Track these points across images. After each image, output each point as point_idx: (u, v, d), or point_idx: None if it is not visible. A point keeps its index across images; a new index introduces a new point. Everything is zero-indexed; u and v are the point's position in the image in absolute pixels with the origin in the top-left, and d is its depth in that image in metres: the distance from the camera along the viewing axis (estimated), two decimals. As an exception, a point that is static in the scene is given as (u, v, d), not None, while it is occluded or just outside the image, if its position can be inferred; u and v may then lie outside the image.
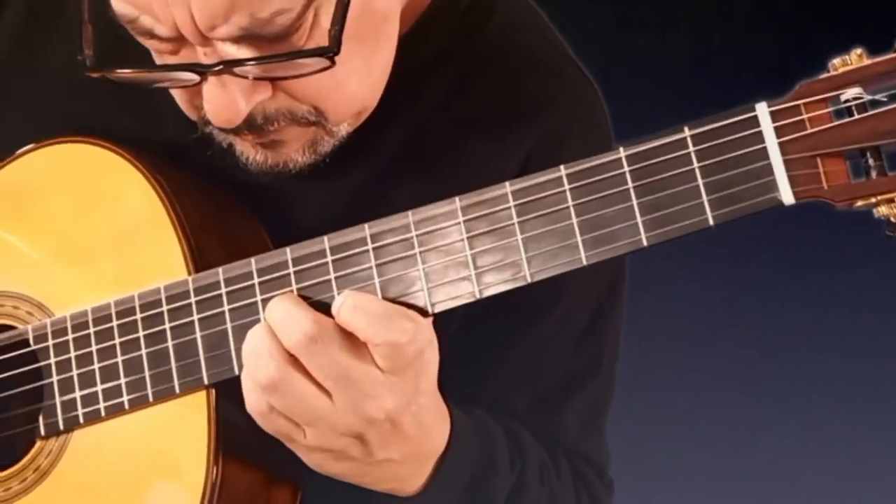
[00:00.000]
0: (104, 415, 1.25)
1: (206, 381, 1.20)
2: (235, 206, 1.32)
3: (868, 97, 1.05)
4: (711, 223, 1.07)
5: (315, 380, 1.12)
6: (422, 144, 1.32)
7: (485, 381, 1.36)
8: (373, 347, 1.12)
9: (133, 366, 1.23)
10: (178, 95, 1.23)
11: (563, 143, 1.32)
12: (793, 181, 1.05)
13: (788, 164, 1.05)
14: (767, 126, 1.06)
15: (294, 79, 1.15)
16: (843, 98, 1.05)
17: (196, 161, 1.30)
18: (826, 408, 3.00)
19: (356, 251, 1.16)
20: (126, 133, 1.33)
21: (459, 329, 1.29)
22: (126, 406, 1.24)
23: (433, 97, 1.33)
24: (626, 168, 1.09)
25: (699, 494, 3.00)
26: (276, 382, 1.12)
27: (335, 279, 1.16)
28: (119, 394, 1.24)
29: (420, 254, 1.14)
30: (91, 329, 1.26)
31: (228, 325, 1.19)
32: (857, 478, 2.98)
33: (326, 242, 1.17)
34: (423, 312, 1.14)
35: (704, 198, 1.07)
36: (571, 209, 1.10)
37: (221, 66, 1.13)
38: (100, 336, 1.25)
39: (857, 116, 1.04)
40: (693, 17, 3.08)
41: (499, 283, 1.13)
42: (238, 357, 1.17)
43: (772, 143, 1.05)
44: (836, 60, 1.06)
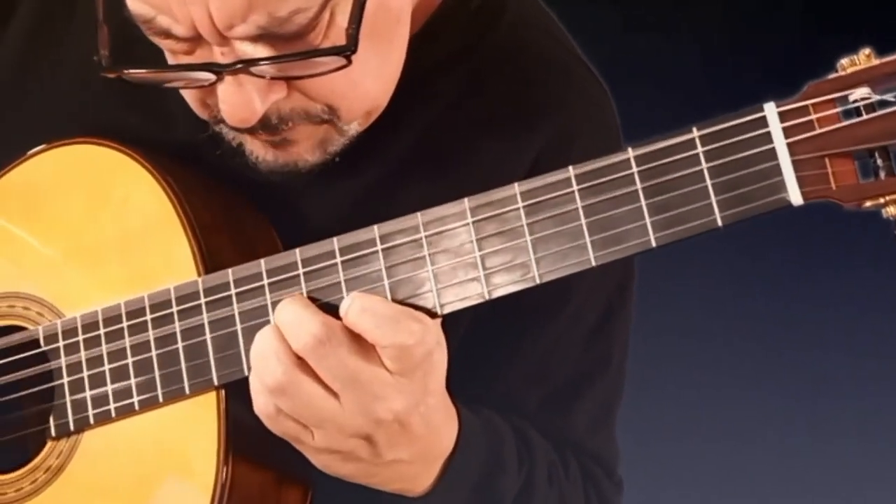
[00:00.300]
0: (114, 415, 1.25)
1: (217, 383, 1.21)
2: (245, 206, 1.32)
3: (876, 97, 1.04)
4: (720, 224, 1.07)
5: (323, 382, 1.12)
6: (433, 144, 1.32)
7: (494, 381, 1.36)
8: (381, 349, 1.12)
9: (143, 367, 1.23)
10: (189, 95, 1.23)
11: (573, 143, 1.32)
12: (801, 181, 1.05)
13: (797, 165, 1.05)
14: (776, 126, 1.05)
15: (310, 78, 1.16)
16: (852, 98, 1.05)
17: (206, 161, 1.30)
18: (835, 407, 3.00)
19: (366, 252, 1.16)
20: (136, 133, 1.33)
21: (469, 329, 1.29)
22: (136, 407, 1.24)
23: (444, 97, 1.33)
24: (635, 169, 1.09)
25: (707, 493, 3.00)
26: (284, 385, 1.12)
27: (345, 281, 1.16)
28: (129, 395, 1.24)
29: (429, 255, 1.14)
30: (101, 330, 1.26)
31: (238, 327, 1.20)
32: (866, 477, 2.97)
33: (336, 244, 1.17)
34: (431, 313, 1.14)
35: (713, 198, 1.07)
36: (580, 210, 1.10)
37: (240, 66, 1.13)
38: (110, 337, 1.25)
39: (866, 117, 1.04)
40: (701, 18, 3.08)
41: (508, 285, 1.12)
42: (248, 358, 1.17)
43: (780, 144, 1.05)
44: (845, 60, 1.06)
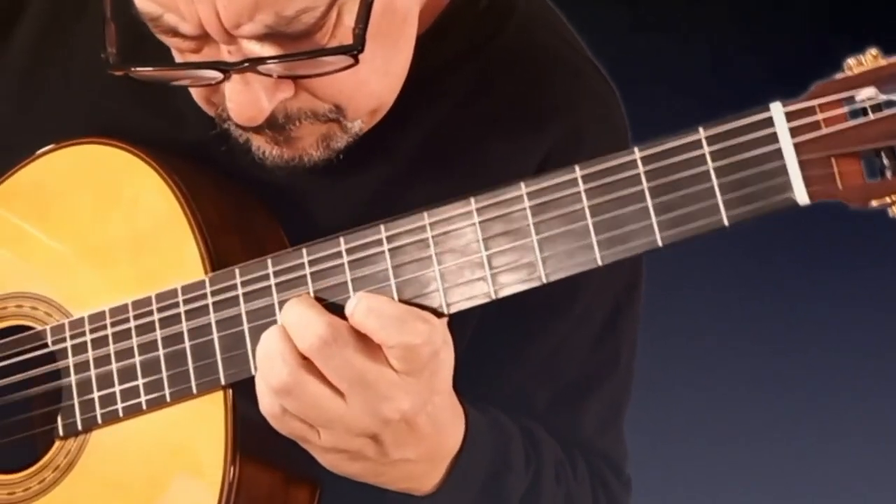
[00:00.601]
0: (122, 415, 1.25)
1: (224, 382, 1.21)
2: (253, 205, 1.32)
3: (883, 97, 1.04)
4: (726, 223, 1.07)
5: (329, 382, 1.12)
6: (440, 143, 1.32)
7: (502, 381, 1.36)
8: (387, 349, 1.12)
9: (151, 366, 1.24)
10: (196, 92, 1.23)
11: (582, 144, 1.32)
12: (807, 181, 1.04)
13: (803, 165, 1.04)
14: (782, 126, 1.05)
15: (317, 77, 1.16)
16: (858, 98, 1.05)
17: (215, 160, 1.30)
18: (843, 407, 3.00)
19: (372, 252, 1.16)
20: (146, 132, 1.33)
21: (476, 328, 1.29)
22: (144, 406, 1.24)
23: (452, 96, 1.33)
24: (641, 168, 1.09)
25: (715, 492, 3.00)
26: (289, 386, 1.12)
27: (351, 281, 1.16)
28: (137, 394, 1.24)
29: (436, 255, 1.14)
30: (109, 330, 1.26)
31: (245, 327, 1.20)
32: (876, 478, 2.97)
33: (343, 244, 1.17)
34: (438, 313, 1.14)
35: (719, 198, 1.06)
36: (586, 209, 1.10)
37: (247, 64, 1.13)
38: (117, 337, 1.26)
39: (873, 117, 1.04)
40: (708, 18, 3.08)
41: (514, 284, 1.12)
42: (255, 358, 1.17)
43: (787, 144, 1.05)
44: (851, 61, 1.06)
